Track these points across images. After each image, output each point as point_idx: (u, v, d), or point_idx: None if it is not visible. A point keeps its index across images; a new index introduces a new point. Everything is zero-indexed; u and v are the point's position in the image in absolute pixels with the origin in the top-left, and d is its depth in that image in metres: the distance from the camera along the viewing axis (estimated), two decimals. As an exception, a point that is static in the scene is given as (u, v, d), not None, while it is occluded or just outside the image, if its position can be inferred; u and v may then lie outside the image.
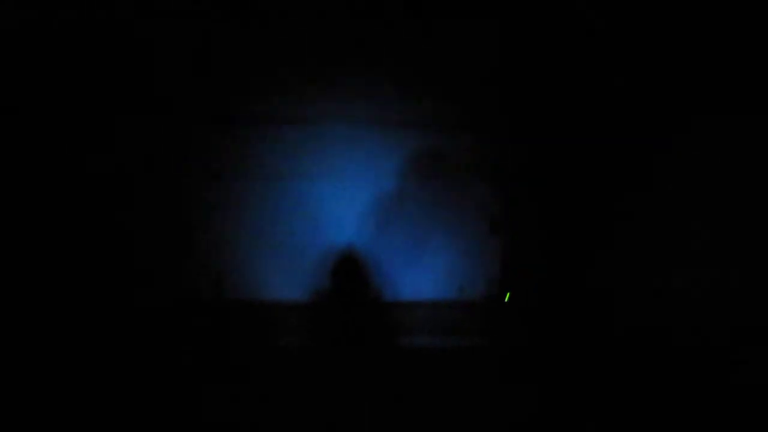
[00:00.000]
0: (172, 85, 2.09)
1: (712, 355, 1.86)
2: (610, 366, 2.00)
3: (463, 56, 2.15)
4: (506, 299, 2.15)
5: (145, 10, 2.03)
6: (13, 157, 1.99)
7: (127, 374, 1.97)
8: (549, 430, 1.86)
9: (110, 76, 2.06)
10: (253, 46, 2.10)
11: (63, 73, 2.03)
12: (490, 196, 2.17)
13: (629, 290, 2.04)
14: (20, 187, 1.99)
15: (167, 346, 2.08)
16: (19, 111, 1.99)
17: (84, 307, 2.03)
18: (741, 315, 1.83)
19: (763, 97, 1.81)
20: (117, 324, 2.06)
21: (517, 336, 2.14)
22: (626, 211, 2.08)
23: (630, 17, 2.02)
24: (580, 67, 2.11)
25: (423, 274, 2.17)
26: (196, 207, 2.12)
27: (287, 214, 2.14)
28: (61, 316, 2.00)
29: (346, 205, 2.15)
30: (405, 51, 2.13)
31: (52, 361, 1.93)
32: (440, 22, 2.11)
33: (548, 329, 2.11)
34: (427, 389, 2.00)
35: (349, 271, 2.15)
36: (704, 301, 1.89)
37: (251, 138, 2.12)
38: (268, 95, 2.12)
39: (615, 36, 2.06)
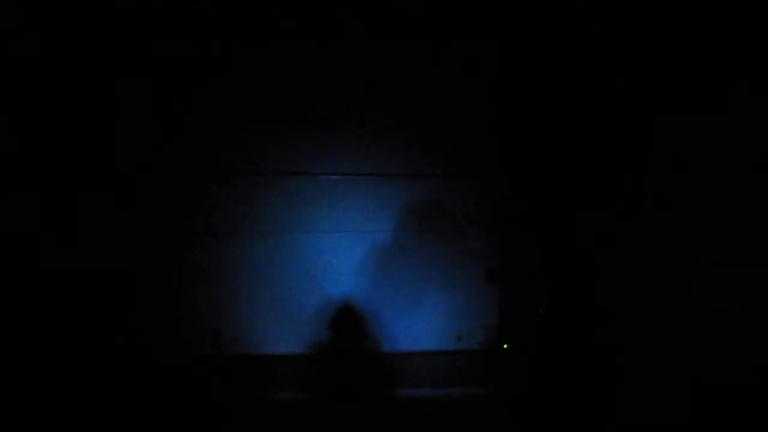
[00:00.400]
0: (168, 140, 2.09)
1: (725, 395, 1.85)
2: (613, 411, 2.00)
3: (459, 107, 2.17)
4: (504, 347, 2.16)
5: (148, 60, 2.05)
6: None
7: (127, 429, 1.96)
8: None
9: (107, 127, 2.06)
10: (252, 100, 2.11)
11: (63, 122, 2.03)
12: (487, 245, 2.18)
13: (630, 335, 2.04)
14: (18, 238, 1.99)
15: (165, 401, 2.07)
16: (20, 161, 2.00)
17: (82, 364, 2.02)
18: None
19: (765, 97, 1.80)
20: (115, 379, 2.04)
21: (517, 384, 2.14)
22: (623, 257, 2.08)
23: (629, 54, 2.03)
24: (575, 117, 2.13)
25: (421, 324, 2.18)
26: (193, 261, 2.12)
27: (284, 266, 2.14)
28: (58, 372, 1.98)
29: (343, 257, 2.15)
30: (402, 103, 2.15)
31: (48, 415, 1.92)
32: (435, 74, 2.15)
33: (548, 376, 2.11)
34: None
35: (347, 323, 2.15)
36: (712, 338, 1.89)
37: (247, 191, 2.12)
38: (263, 149, 2.13)
39: (614, 75, 2.08)
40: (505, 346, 2.16)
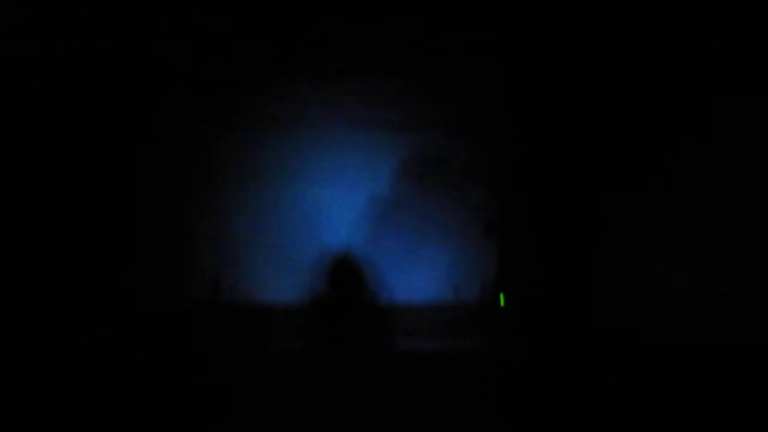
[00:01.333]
0: (169, 91, 2.12)
1: (704, 356, 1.84)
2: (606, 367, 1.99)
3: (460, 59, 2.16)
4: (501, 301, 2.15)
5: (145, 16, 2.05)
6: (14, 156, 2.01)
7: (124, 377, 1.98)
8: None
9: (110, 81, 2.08)
10: (250, 50, 2.12)
11: (66, 77, 2.05)
12: (485, 199, 2.18)
13: (625, 290, 2.03)
14: (21, 189, 2.02)
15: (163, 349, 2.08)
16: (22, 109, 2.02)
17: (82, 310, 2.05)
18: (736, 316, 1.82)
19: (762, 96, 1.79)
20: (114, 326, 2.06)
21: (513, 338, 2.13)
22: (620, 212, 2.07)
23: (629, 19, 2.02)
24: (577, 71, 2.11)
25: (418, 276, 2.17)
26: (193, 211, 2.14)
27: (283, 217, 2.16)
28: (58, 319, 2.02)
29: (341, 208, 2.16)
30: (401, 54, 2.15)
31: (49, 362, 1.95)
32: (438, 26, 2.13)
33: (544, 331, 2.10)
34: (422, 392, 1.99)
35: (345, 274, 2.15)
36: (697, 299, 1.87)
37: (247, 142, 2.14)
38: (263, 99, 2.15)
39: (614, 37, 2.06)
40: (503, 299, 2.15)
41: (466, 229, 2.17)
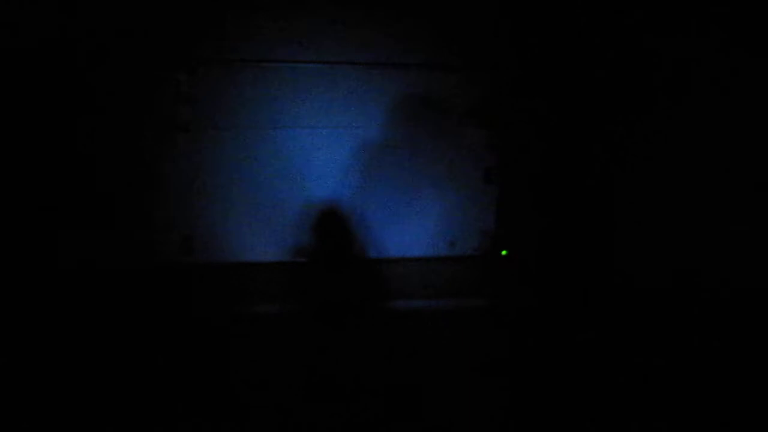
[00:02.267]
0: (139, 30, 1.88)
1: (711, 311, 1.76)
2: (610, 319, 1.88)
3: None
4: (503, 254, 2.02)
5: None
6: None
7: (92, 341, 1.78)
8: (547, 390, 1.73)
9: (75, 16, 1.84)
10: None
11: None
12: (485, 144, 2.05)
13: (629, 240, 1.93)
14: None
15: (131, 312, 1.89)
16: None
17: (46, 267, 1.87)
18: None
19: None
20: (80, 287, 1.88)
21: (515, 294, 2.01)
22: (626, 158, 1.96)
23: None
24: (580, 12, 1.98)
25: (411, 228, 2.06)
26: (163, 160, 1.93)
27: (263, 165, 1.97)
28: (23, 279, 1.83)
29: (327, 155, 2.00)
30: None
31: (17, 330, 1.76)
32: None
33: (548, 286, 1.98)
34: (416, 351, 1.85)
35: (332, 228, 2.02)
36: (704, 255, 1.78)
37: (222, 82, 1.93)
38: (240, 36, 1.93)
39: None
40: (504, 252, 2.02)
41: (464, 176, 2.05)
